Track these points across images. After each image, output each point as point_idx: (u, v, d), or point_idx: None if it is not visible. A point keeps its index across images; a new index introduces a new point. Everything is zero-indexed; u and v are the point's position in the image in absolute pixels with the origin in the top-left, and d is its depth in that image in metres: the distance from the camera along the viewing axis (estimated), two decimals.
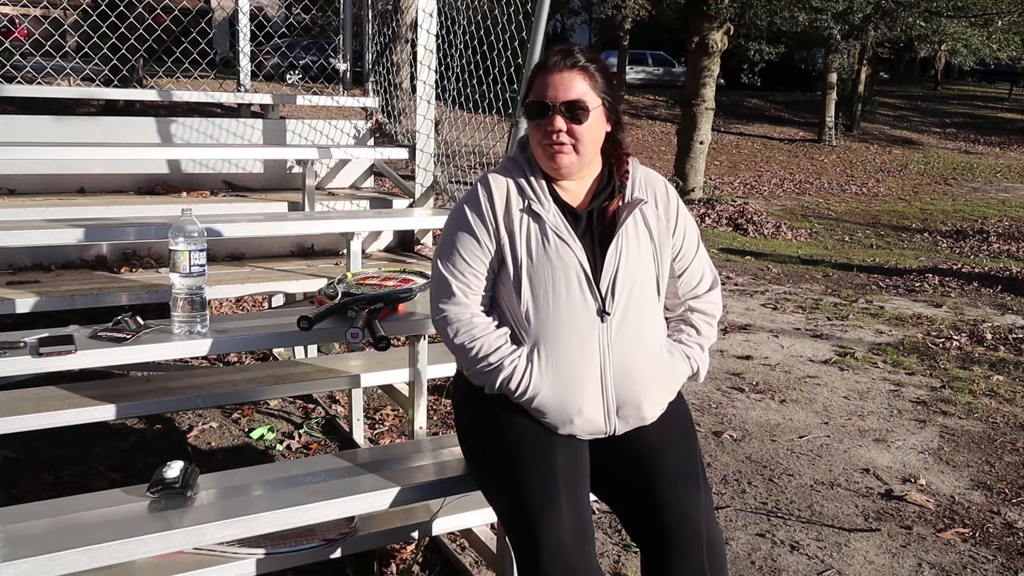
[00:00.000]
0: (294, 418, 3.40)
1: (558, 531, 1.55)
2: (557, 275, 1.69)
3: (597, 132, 1.75)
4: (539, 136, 1.72)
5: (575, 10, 28.18)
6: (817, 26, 13.63)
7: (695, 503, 1.64)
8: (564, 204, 1.76)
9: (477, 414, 1.81)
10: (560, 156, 1.71)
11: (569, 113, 1.69)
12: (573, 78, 1.71)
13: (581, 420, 1.70)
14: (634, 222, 1.76)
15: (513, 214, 1.73)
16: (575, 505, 1.61)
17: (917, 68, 35.43)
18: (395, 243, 3.76)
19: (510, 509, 1.64)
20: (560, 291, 1.68)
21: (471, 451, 1.85)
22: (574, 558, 1.54)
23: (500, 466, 1.70)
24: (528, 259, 1.70)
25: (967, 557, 2.56)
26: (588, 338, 1.68)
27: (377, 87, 4.25)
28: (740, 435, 3.44)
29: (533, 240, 1.71)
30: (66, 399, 2.21)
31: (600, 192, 1.80)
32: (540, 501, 1.59)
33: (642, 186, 1.80)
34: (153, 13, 4.47)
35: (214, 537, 1.70)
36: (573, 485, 1.64)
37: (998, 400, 3.99)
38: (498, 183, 1.76)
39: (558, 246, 1.70)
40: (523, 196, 1.74)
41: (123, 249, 3.10)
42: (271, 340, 2.36)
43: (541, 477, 1.62)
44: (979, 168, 17.80)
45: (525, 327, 1.70)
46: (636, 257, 1.74)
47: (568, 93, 1.69)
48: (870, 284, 6.97)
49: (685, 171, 11.74)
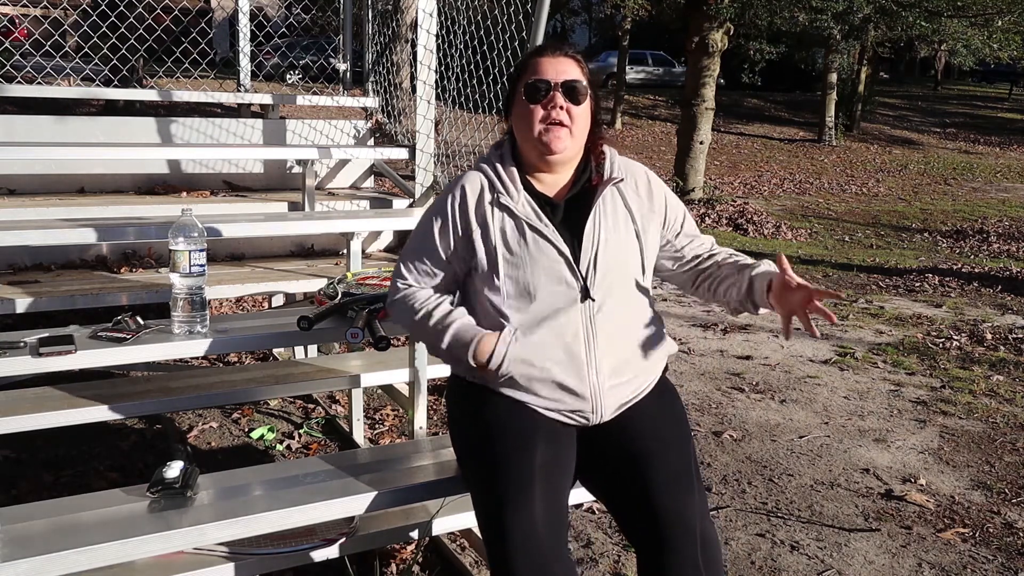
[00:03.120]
0: (294, 418, 3.40)
1: (526, 521, 1.53)
2: (535, 263, 1.70)
3: (587, 119, 1.78)
4: (537, 117, 1.73)
5: (575, 10, 28.17)
6: (817, 26, 13.63)
7: (690, 504, 1.64)
8: (539, 195, 1.78)
9: (464, 410, 1.82)
10: (557, 139, 1.72)
11: (568, 93, 1.72)
12: (569, 63, 1.76)
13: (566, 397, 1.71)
14: (612, 199, 1.78)
15: (486, 208, 1.75)
16: (551, 498, 1.59)
17: (917, 68, 35.43)
18: (395, 243, 3.76)
19: (481, 501, 1.64)
20: (539, 278, 1.70)
21: (458, 448, 1.85)
22: (544, 551, 1.52)
23: (479, 459, 1.70)
24: (505, 250, 1.72)
25: (967, 557, 2.56)
26: (571, 320, 1.70)
27: (377, 87, 4.25)
28: (740, 435, 3.44)
29: (508, 232, 1.73)
30: (66, 399, 2.21)
31: (577, 182, 1.81)
32: (511, 492, 1.57)
33: (620, 169, 1.83)
34: (153, 13, 4.47)
35: (214, 537, 1.70)
36: (551, 478, 1.62)
37: (998, 400, 3.99)
38: (471, 182, 1.79)
39: (532, 235, 1.72)
40: (493, 190, 1.77)
41: (123, 249, 3.10)
42: (271, 340, 2.36)
43: (517, 469, 1.61)
44: (979, 168, 17.80)
45: (506, 317, 1.72)
46: (615, 234, 1.76)
47: (567, 74, 1.74)
48: (870, 284, 6.97)
49: (685, 171, 11.74)
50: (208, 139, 3.75)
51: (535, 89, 1.73)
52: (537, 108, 1.73)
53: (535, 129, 1.73)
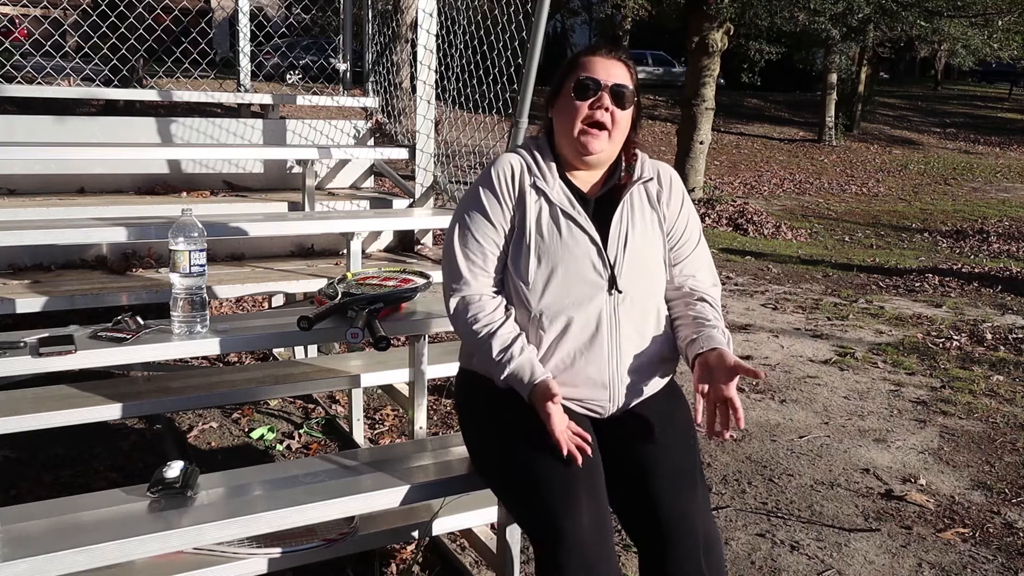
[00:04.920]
0: (294, 418, 3.40)
1: (578, 526, 1.55)
2: (566, 250, 1.72)
3: (627, 125, 1.79)
4: (582, 114, 1.73)
5: (575, 10, 28.14)
6: (816, 26, 13.62)
7: (693, 503, 1.65)
8: (574, 187, 1.80)
9: (486, 413, 1.81)
10: (595, 141, 1.73)
11: (615, 97, 1.73)
12: (620, 67, 1.77)
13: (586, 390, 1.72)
14: (639, 197, 1.80)
15: (525, 190, 1.76)
16: (593, 499, 1.61)
17: (917, 68, 35.44)
18: (395, 243, 3.76)
19: (527, 505, 1.64)
20: (569, 266, 1.71)
21: (480, 451, 1.84)
22: (593, 554, 1.54)
23: (513, 462, 1.70)
24: (538, 235, 1.73)
25: (967, 557, 2.56)
26: (597, 309, 1.71)
27: (377, 87, 4.25)
28: (740, 435, 3.44)
29: (544, 216, 1.74)
30: (66, 399, 2.21)
31: (608, 181, 1.83)
32: (559, 496, 1.59)
33: (651, 170, 1.84)
34: (153, 13, 4.47)
35: (214, 537, 1.70)
36: (589, 478, 1.64)
37: (998, 400, 3.99)
38: (512, 160, 1.79)
39: (566, 222, 1.73)
40: (531, 173, 1.78)
41: (123, 249, 3.10)
42: (271, 340, 2.36)
43: (558, 472, 1.63)
44: (979, 168, 17.81)
45: (534, 300, 1.72)
46: (641, 230, 1.77)
47: (617, 77, 1.74)
48: (870, 284, 6.97)
49: (685, 171, 11.72)
50: (208, 139, 3.75)
51: (584, 87, 1.73)
52: (583, 106, 1.73)
53: (576, 127, 1.74)
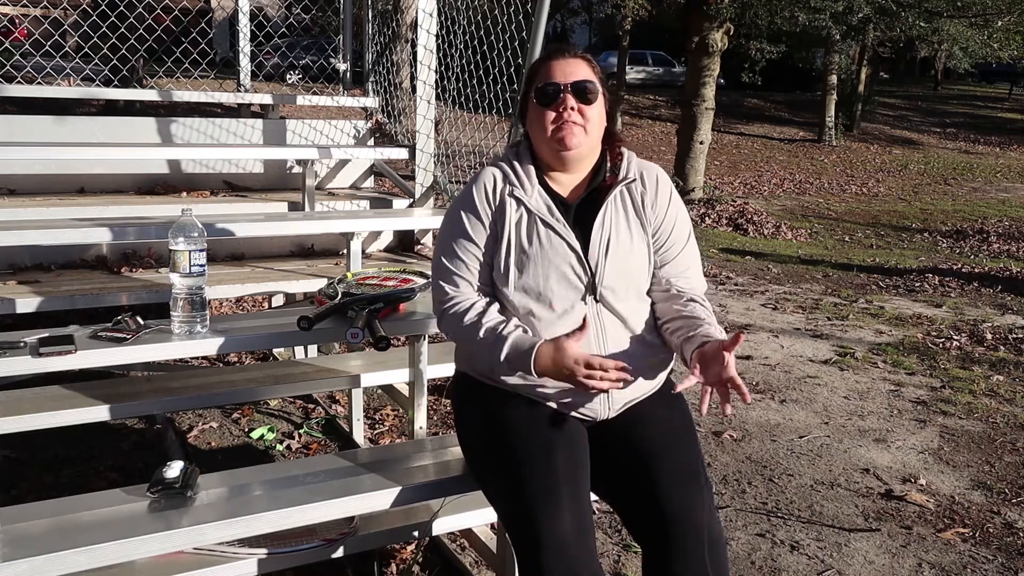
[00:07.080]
0: (294, 418, 3.40)
1: (558, 529, 1.55)
2: (546, 258, 1.72)
3: (601, 118, 1.79)
4: (549, 119, 1.74)
5: (575, 10, 28.16)
6: (816, 26, 13.62)
7: (697, 502, 1.65)
8: (553, 193, 1.79)
9: (477, 412, 1.82)
10: (571, 135, 1.73)
11: (578, 94, 1.74)
12: (579, 63, 1.77)
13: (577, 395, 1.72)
14: (623, 199, 1.79)
15: (505, 200, 1.77)
16: (576, 502, 1.61)
17: (917, 68, 35.43)
18: (395, 243, 3.76)
19: (510, 507, 1.65)
20: (550, 273, 1.72)
21: (471, 449, 1.85)
22: (575, 556, 1.54)
23: (500, 464, 1.70)
24: (518, 244, 1.74)
25: (967, 557, 2.56)
26: (580, 315, 1.71)
27: (377, 87, 4.25)
28: (740, 435, 3.44)
29: (523, 225, 1.75)
30: (66, 399, 2.21)
31: (591, 183, 1.82)
32: (540, 499, 1.59)
33: (636, 171, 1.83)
34: (153, 13, 4.47)
35: (214, 537, 1.70)
36: (574, 483, 1.64)
37: (998, 400, 3.99)
38: (491, 174, 1.80)
39: (545, 230, 1.74)
40: (508, 183, 1.78)
41: (123, 249, 3.10)
42: (271, 340, 2.36)
43: (541, 474, 1.63)
44: (979, 168, 17.81)
45: (517, 309, 1.74)
46: (625, 233, 1.77)
47: (577, 75, 1.75)
48: (870, 284, 6.97)
49: (685, 171, 11.73)
50: (208, 139, 3.76)
51: (545, 93, 1.74)
52: (549, 111, 1.74)
53: (548, 130, 1.75)
